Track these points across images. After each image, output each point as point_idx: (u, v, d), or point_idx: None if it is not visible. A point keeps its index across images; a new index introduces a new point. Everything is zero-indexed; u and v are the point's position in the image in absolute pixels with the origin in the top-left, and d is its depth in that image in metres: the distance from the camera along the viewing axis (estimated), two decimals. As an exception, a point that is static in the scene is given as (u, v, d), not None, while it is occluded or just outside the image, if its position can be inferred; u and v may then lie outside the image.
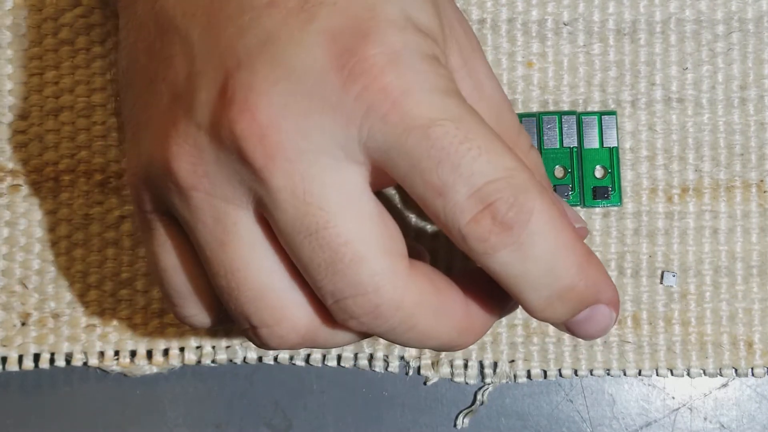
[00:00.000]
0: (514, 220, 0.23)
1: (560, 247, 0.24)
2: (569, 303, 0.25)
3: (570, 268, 0.24)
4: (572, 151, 0.36)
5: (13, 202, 0.36)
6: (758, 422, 0.36)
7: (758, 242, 0.36)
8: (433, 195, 0.23)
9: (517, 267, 0.23)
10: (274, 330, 0.25)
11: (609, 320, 0.25)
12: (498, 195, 0.23)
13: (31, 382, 0.36)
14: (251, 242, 0.24)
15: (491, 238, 0.23)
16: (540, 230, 0.23)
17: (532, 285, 0.24)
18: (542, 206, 0.23)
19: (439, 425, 0.36)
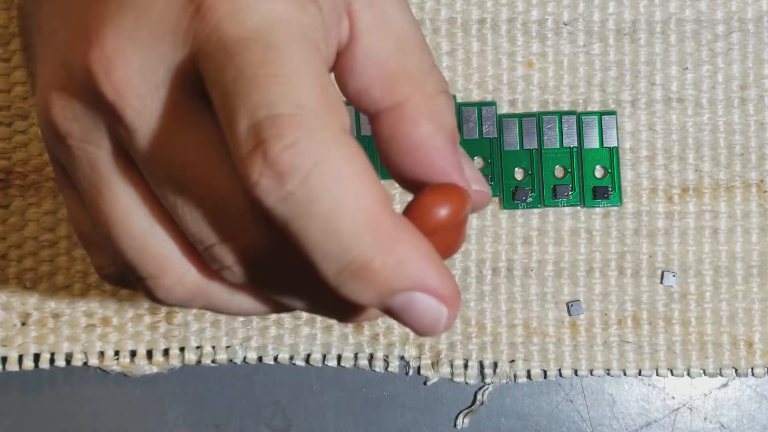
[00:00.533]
0: (288, 164, 0.19)
1: (350, 211, 0.20)
2: (367, 283, 0.20)
3: (363, 238, 0.20)
4: (572, 151, 0.36)
5: (13, 202, 0.36)
6: (758, 422, 0.36)
7: (758, 242, 0.36)
8: (224, 120, 0.21)
9: (297, 223, 0.20)
10: (159, 281, 0.23)
11: (436, 315, 0.21)
12: (274, 131, 0.20)
13: (31, 382, 0.36)
14: (128, 189, 0.23)
15: (261, 181, 0.20)
16: (323, 185, 0.20)
17: (318, 251, 0.20)
18: (333, 156, 0.20)
19: (439, 425, 0.36)
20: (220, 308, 0.24)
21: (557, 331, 0.36)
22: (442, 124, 0.24)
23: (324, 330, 0.36)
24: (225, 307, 0.24)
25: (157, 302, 0.24)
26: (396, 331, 0.36)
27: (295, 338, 0.36)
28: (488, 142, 0.36)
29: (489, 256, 0.36)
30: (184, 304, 0.24)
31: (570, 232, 0.36)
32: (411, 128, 0.24)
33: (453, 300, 0.21)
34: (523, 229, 0.36)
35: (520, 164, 0.36)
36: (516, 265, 0.36)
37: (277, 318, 0.36)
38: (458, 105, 0.36)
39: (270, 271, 0.23)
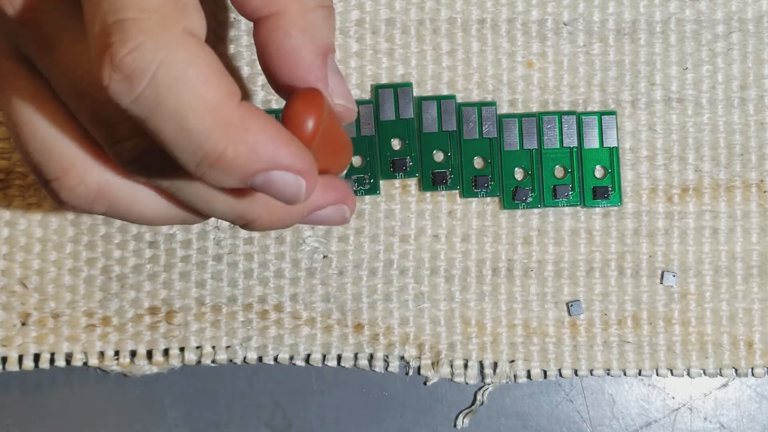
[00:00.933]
0: (132, 66, 0.21)
1: (196, 109, 0.21)
2: (225, 171, 0.22)
3: (210, 132, 0.22)
4: (572, 151, 0.36)
5: (13, 202, 0.36)
6: (758, 422, 0.36)
7: (758, 242, 0.36)
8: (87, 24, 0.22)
9: (152, 124, 0.21)
10: (62, 182, 0.24)
11: (295, 186, 0.23)
12: (118, 36, 0.21)
13: (31, 382, 0.36)
14: (33, 94, 0.24)
15: (112, 84, 0.21)
16: (168, 84, 0.21)
17: (175, 147, 0.22)
18: (177, 57, 0.21)
19: (439, 425, 0.36)
20: (122, 211, 0.25)
21: (557, 331, 0.36)
22: (314, 37, 0.25)
23: (324, 330, 0.36)
24: (126, 209, 0.25)
25: (63, 206, 0.25)
26: (396, 331, 0.36)
27: (295, 338, 0.36)
28: (488, 142, 0.36)
29: (489, 256, 0.36)
30: (87, 207, 0.25)
31: (570, 232, 0.36)
32: (282, 38, 0.25)
33: (307, 172, 0.23)
34: (523, 229, 0.36)
35: (520, 164, 0.36)
36: (516, 265, 0.36)
37: (277, 318, 0.36)
38: (458, 105, 0.36)
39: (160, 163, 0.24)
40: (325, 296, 0.36)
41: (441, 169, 0.36)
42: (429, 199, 0.36)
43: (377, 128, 0.36)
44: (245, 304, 0.36)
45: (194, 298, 0.36)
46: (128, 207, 0.26)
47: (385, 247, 0.36)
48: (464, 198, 0.36)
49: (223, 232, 0.36)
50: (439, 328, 0.36)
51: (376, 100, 0.36)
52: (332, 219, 0.28)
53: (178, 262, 0.36)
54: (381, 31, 0.36)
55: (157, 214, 0.26)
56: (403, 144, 0.36)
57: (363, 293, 0.36)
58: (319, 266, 0.36)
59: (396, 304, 0.36)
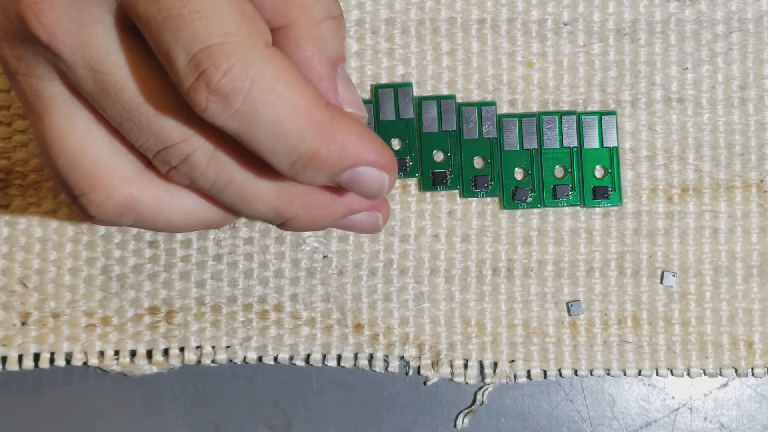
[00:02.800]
0: (229, 87, 0.23)
1: (289, 115, 0.23)
2: (318, 169, 0.24)
3: (305, 135, 0.24)
4: (572, 151, 0.36)
5: (13, 202, 0.36)
6: (758, 422, 0.36)
7: (758, 242, 0.36)
8: (164, 61, 0.23)
9: (248, 133, 0.23)
10: (90, 197, 0.26)
11: (380, 181, 0.26)
12: (210, 62, 0.22)
13: (31, 381, 0.36)
14: (66, 113, 0.25)
15: (209, 106, 0.23)
16: (263, 98, 0.23)
17: (270, 152, 0.24)
18: (266, 73, 0.23)
19: (439, 425, 0.36)
20: (149, 221, 0.27)
21: (557, 331, 0.36)
22: (323, 48, 0.27)
23: (324, 330, 0.36)
24: (154, 219, 0.27)
25: (92, 220, 0.26)
26: (396, 331, 0.36)
27: (295, 338, 0.36)
28: (488, 142, 0.36)
29: (489, 256, 0.36)
30: (115, 220, 0.26)
31: (570, 232, 0.36)
32: (293, 49, 0.26)
33: (390, 166, 0.26)
34: (523, 229, 0.36)
35: (520, 164, 0.36)
36: (516, 265, 0.36)
37: (277, 318, 0.36)
38: (458, 105, 0.36)
39: (206, 165, 0.26)
40: (325, 296, 0.36)
41: (441, 169, 0.36)
42: (429, 199, 0.36)
43: (377, 128, 0.36)
44: (245, 304, 0.36)
45: (194, 298, 0.36)
46: (155, 216, 0.27)
47: (385, 247, 0.36)
48: (464, 198, 0.36)
49: (223, 232, 0.36)
50: (439, 328, 0.36)
51: (376, 100, 0.36)
52: (365, 225, 0.29)
53: (178, 262, 0.36)
54: (381, 31, 0.36)
55: (185, 221, 0.27)
56: (403, 144, 0.36)
57: (363, 293, 0.36)
58: (319, 266, 0.36)
59: (396, 304, 0.36)
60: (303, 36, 0.26)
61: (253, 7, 0.24)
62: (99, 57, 0.24)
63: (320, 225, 0.28)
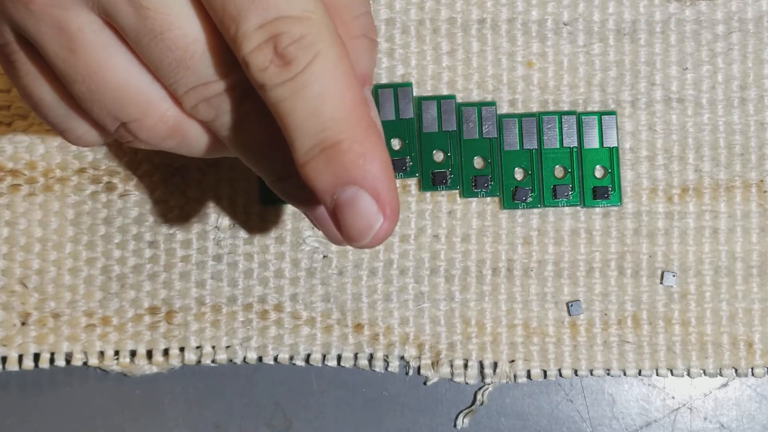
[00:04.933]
0: (295, 55, 0.23)
1: (334, 97, 0.23)
2: (330, 162, 0.23)
3: (338, 121, 0.23)
4: (572, 151, 0.36)
5: (13, 202, 0.36)
6: (758, 422, 0.36)
7: (758, 242, 0.36)
8: (228, 20, 0.23)
9: (288, 103, 0.23)
10: (143, 122, 0.26)
11: (373, 220, 0.24)
12: (286, 29, 0.23)
13: (31, 381, 0.36)
14: (102, 44, 0.25)
15: (270, 67, 0.23)
16: (320, 74, 0.23)
17: (297, 127, 0.24)
18: (330, 53, 0.23)
19: (439, 425, 0.36)
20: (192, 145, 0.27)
21: (557, 331, 0.36)
22: (356, 63, 0.26)
23: (324, 330, 0.36)
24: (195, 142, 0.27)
25: (137, 144, 0.26)
26: (396, 331, 0.36)
27: (295, 338, 0.36)
28: (488, 142, 0.36)
29: (489, 256, 0.36)
30: (161, 142, 0.26)
31: (570, 232, 0.36)
32: None
33: (392, 214, 0.24)
34: (523, 229, 0.36)
35: (520, 164, 0.36)
36: (516, 265, 0.36)
37: (277, 318, 0.36)
38: (458, 105, 0.36)
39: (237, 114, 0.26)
40: (325, 296, 0.36)
41: (441, 169, 0.36)
42: (429, 199, 0.36)
43: (377, 128, 0.36)
44: (245, 304, 0.36)
45: (194, 298, 0.36)
46: (197, 140, 0.27)
47: (385, 247, 0.36)
48: (464, 198, 0.36)
49: (223, 231, 0.36)
50: (439, 328, 0.36)
51: (376, 100, 0.36)
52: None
53: (178, 262, 0.36)
54: (381, 31, 0.36)
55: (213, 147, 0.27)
56: (403, 144, 0.36)
57: (363, 293, 0.36)
58: (319, 266, 0.36)
59: (396, 304, 0.36)
60: None
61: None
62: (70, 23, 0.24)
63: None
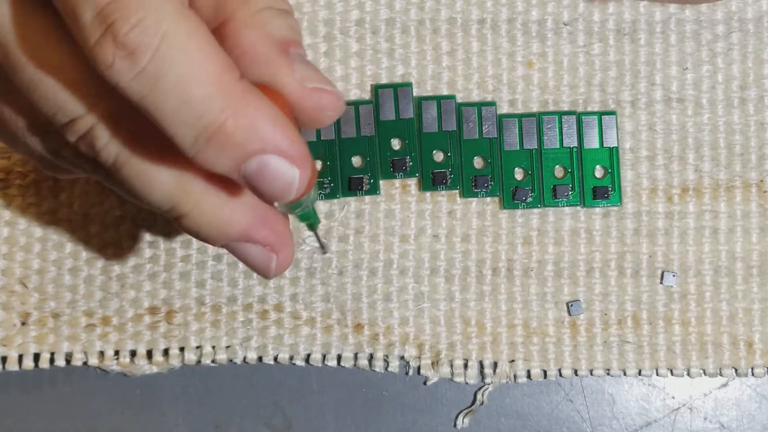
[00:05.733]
0: (137, 42, 0.21)
1: (199, 79, 0.22)
2: (222, 147, 0.22)
3: (213, 103, 0.22)
4: (572, 151, 0.36)
5: (13, 202, 0.36)
6: (758, 422, 0.36)
7: (758, 242, 0.36)
8: (69, 19, 0.22)
9: (151, 98, 0.22)
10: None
11: (290, 177, 0.23)
12: (119, 13, 0.21)
13: (31, 381, 0.36)
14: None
15: (115, 62, 0.21)
16: (172, 57, 0.21)
17: (173, 122, 0.22)
18: (178, 30, 0.21)
19: (439, 425, 0.36)
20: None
21: (557, 331, 0.36)
22: (267, 33, 0.25)
23: (324, 330, 0.36)
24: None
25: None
26: (396, 331, 0.36)
27: (295, 338, 0.36)
28: (488, 142, 0.36)
29: (489, 256, 0.36)
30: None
31: (570, 232, 0.36)
32: (236, 39, 0.25)
33: (304, 161, 0.23)
34: (523, 229, 0.36)
35: (520, 164, 0.36)
36: (516, 265, 0.36)
37: (277, 318, 0.36)
38: (458, 105, 0.36)
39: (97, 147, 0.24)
40: (325, 296, 0.36)
41: (441, 169, 0.36)
42: (429, 199, 0.36)
43: (377, 128, 0.36)
44: (245, 304, 0.36)
45: (194, 298, 0.36)
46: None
47: (385, 247, 0.36)
48: (464, 198, 0.36)
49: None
50: (439, 328, 0.36)
51: (376, 100, 0.36)
52: (254, 262, 0.26)
53: (178, 262, 0.36)
54: (381, 31, 0.36)
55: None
56: (403, 144, 0.36)
57: (363, 293, 0.36)
58: (319, 266, 0.36)
59: (396, 304, 0.36)
60: (243, 25, 0.25)
61: None
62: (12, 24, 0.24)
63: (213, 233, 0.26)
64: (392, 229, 0.36)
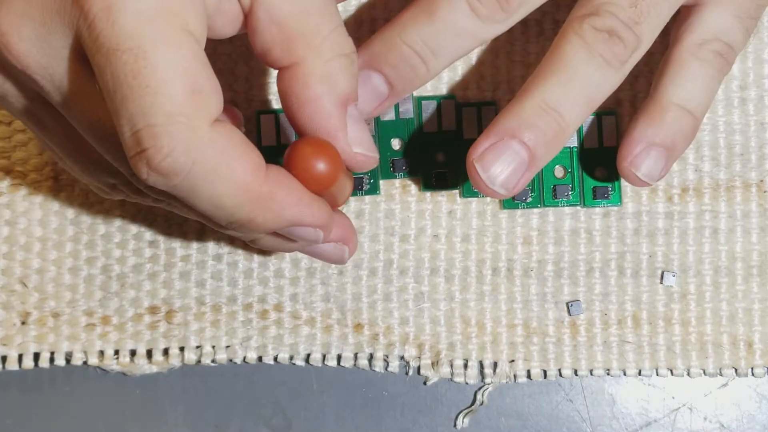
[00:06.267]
0: (168, 169, 0.23)
1: (228, 193, 0.24)
2: (253, 231, 0.26)
3: (242, 207, 0.25)
4: (572, 151, 0.36)
5: (13, 201, 0.36)
6: (758, 422, 0.36)
7: (758, 242, 0.36)
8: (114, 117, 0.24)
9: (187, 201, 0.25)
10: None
11: (314, 235, 0.27)
12: (151, 143, 0.23)
13: (31, 381, 0.36)
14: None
15: (150, 178, 0.24)
16: (203, 177, 0.24)
17: (209, 216, 0.25)
18: (206, 155, 0.23)
19: (439, 425, 0.36)
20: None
21: (557, 331, 0.36)
22: (333, 87, 0.26)
23: (324, 330, 0.36)
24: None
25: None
26: (396, 331, 0.36)
27: (295, 338, 0.36)
28: (488, 142, 0.36)
29: (489, 256, 0.36)
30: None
31: (570, 232, 0.36)
32: (301, 88, 0.26)
33: (325, 225, 0.27)
34: (523, 229, 0.36)
35: (520, 164, 0.36)
36: (516, 265, 0.36)
37: (277, 318, 0.36)
38: (458, 105, 0.36)
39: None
40: (325, 296, 0.36)
41: (441, 169, 0.36)
42: (429, 199, 0.36)
43: (377, 128, 0.36)
44: (245, 303, 0.36)
45: (194, 298, 0.36)
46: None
47: (385, 247, 0.36)
48: (464, 198, 0.36)
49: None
50: (439, 328, 0.36)
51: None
52: (331, 256, 0.31)
53: (178, 262, 0.36)
54: (381, 31, 0.36)
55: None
56: (403, 144, 0.36)
57: (363, 293, 0.36)
58: (319, 266, 0.36)
59: (396, 304, 0.36)
60: (311, 74, 0.26)
61: (209, 75, 0.24)
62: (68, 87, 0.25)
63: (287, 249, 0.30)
64: (392, 229, 0.36)
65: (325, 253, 0.31)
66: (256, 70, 0.36)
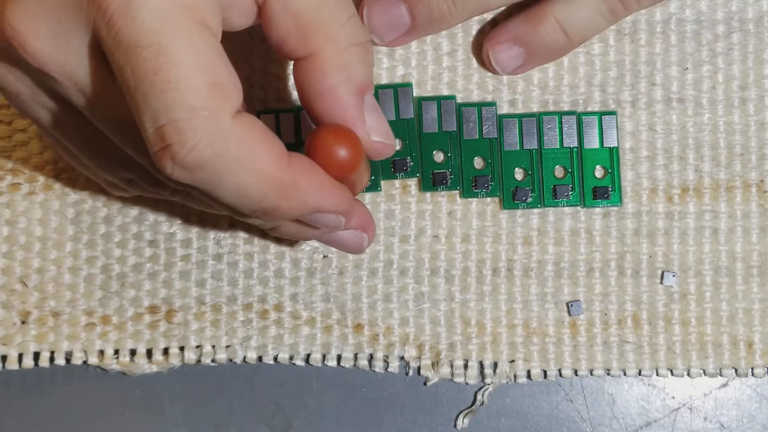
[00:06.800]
0: (193, 163, 0.23)
1: (252, 182, 0.25)
2: (277, 218, 0.26)
3: (266, 196, 0.25)
4: (572, 151, 0.36)
5: (13, 201, 0.36)
6: (758, 422, 0.36)
7: (758, 242, 0.36)
8: (134, 112, 0.24)
9: (212, 193, 0.25)
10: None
11: (336, 222, 0.28)
12: (175, 138, 0.23)
13: (31, 380, 0.36)
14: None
15: (174, 173, 0.24)
16: (227, 169, 0.24)
17: (233, 206, 0.26)
18: (229, 147, 0.24)
19: (439, 425, 0.36)
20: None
21: (557, 331, 0.36)
22: (349, 76, 0.27)
23: (324, 330, 0.36)
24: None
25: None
26: (396, 332, 0.36)
27: (295, 338, 0.36)
28: (488, 142, 0.36)
29: (489, 256, 0.36)
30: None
31: (570, 232, 0.36)
32: (319, 78, 0.27)
33: (347, 212, 0.28)
34: (523, 229, 0.36)
35: (520, 164, 0.36)
36: (516, 265, 0.36)
37: (277, 318, 0.36)
38: (458, 105, 0.36)
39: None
40: (325, 296, 0.36)
41: (441, 170, 0.36)
42: (429, 200, 0.36)
43: (377, 128, 0.36)
44: (245, 303, 0.36)
45: (194, 298, 0.36)
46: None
47: (385, 248, 0.36)
48: (464, 198, 0.36)
49: (223, 231, 0.36)
50: (439, 329, 0.36)
51: (376, 100, 0.36)
52: (350, 244, 0.31)
53: (178, 261, 0.36)
54: (381, 31, 0.36)
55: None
56: (403, 144, 0.36)
57: (363, 293, 0.36)
58: (319, 266, 0.36)
59: (396, 304, 0.36)
60: (328, 64, 0.26)
61: (227, 68, 0.24)
62: (88, 82, 0.25)
63: (307, 236, 0.30)
64: (392, 229, 0.36)
65: (344, 240, 0.31)
66: (257, 70, 0.36)
